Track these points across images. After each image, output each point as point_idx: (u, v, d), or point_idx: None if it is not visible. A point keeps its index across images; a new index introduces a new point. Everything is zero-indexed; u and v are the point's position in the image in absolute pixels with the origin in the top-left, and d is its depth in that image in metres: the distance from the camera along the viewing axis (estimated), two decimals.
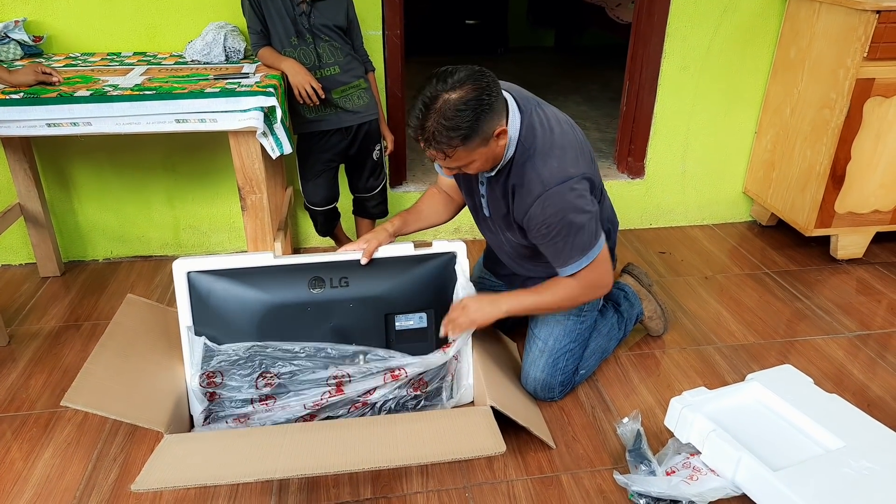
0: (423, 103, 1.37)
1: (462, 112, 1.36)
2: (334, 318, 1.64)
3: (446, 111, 1.35)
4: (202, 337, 1.62)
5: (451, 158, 1.43)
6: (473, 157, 1.45)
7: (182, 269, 1.62)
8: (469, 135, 1.38)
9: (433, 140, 1.39)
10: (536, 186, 1.50)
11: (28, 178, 2.27)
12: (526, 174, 1.51)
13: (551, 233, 1.53)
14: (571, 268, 1.59)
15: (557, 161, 1.51)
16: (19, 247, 2.51)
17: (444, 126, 1.36)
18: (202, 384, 1.62)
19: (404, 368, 1.65)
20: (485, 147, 1.44)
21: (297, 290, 1.62)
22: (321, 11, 2.03)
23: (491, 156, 1.49)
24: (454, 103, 1.35)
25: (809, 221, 2.51)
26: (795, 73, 2.53)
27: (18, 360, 1.99)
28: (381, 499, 1.53)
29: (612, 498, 1.54)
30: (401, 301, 1.67)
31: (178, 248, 2.62)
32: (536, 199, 1.50)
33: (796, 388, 1.67)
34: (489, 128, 1.41)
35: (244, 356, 1.61)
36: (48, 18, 2.20)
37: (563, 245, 1.55)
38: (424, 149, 1.44)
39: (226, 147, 2.41)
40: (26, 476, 1.58)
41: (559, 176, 1.50)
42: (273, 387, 1.64)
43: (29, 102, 1.70)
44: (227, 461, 1.44)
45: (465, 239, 2.81)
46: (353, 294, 1.64)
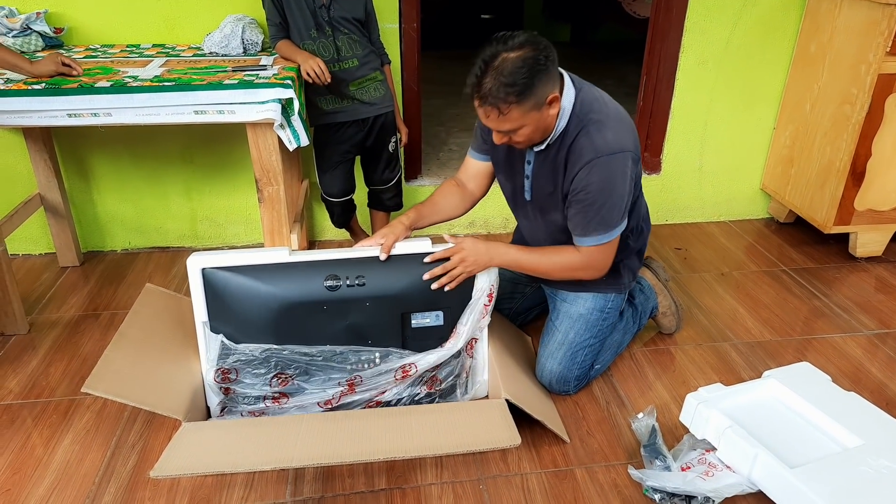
0: (483, 61, 1.42)
1: (519, 69, 1.39)
2: (350, 317, 1.63)
3: (504, 68, 1.40)
4: (219, 335, 1.61)
5: (504, 118, 1.44)
6: (525, 122, 1.47)
7: (197, 265, 1.59)
8: (524, 92, 1.41)
9: (490, 96, 1.41)
10: (589, 153, 1.52)
11: (48, 169, 2.30)
12: (579, 142, 1.53)
13: (588, 198, 1.54)
14: (590, 240, 1.60)
15: (613, 133, 1.53)
16: (39, 237, 2.54)
17: (501, 82, 1.40)
18: (217, 379, 1.62)
19: (415, 364, 1.65)
20: (537, 112, 1.46)
21: (313, 288, 1.60)
22: (341, 4, 2.04)
23: (542, 124, 1.50)
24: (512, 61, 1.40)
25: (828, 218, 2.49)
26: (816, 68, 2.50)
27: (38, 348, 2.02)
28: (395, 490, 1.54)
29: (626, 492, 1.54)
30: (417, 300, 1.64)
31: (194, 239, 2.64)
32: (586, 164, 1.52)
33: (814, 385, 1.65)
34: (543, 91, 1.44)
35: (260, 357, 1.61)
36: (69, 10, 2.22)
37: (593, 214, 1.56)
38: (479, 108, 1.46)
39: (242, 139, 2.43)
40: (47, 462, 1.60)
41: (614, 146, 1.52)
42: (287, 385, 1.64)
43: (50, 93, 1.72)
44: (244, 449, 1.45)
45: (479, 233, 2.81)
46: (369, 293, 1.62)
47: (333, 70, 2.08)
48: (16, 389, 1.84)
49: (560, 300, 1.83)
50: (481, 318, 1.69)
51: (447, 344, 1.68)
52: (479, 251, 1.62)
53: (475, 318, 1.67)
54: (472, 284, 1.67)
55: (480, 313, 1.68)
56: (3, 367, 1.93)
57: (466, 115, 3.73)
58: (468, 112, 3.79)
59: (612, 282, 1.79)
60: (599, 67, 4.90)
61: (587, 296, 1.79)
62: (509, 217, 2.79)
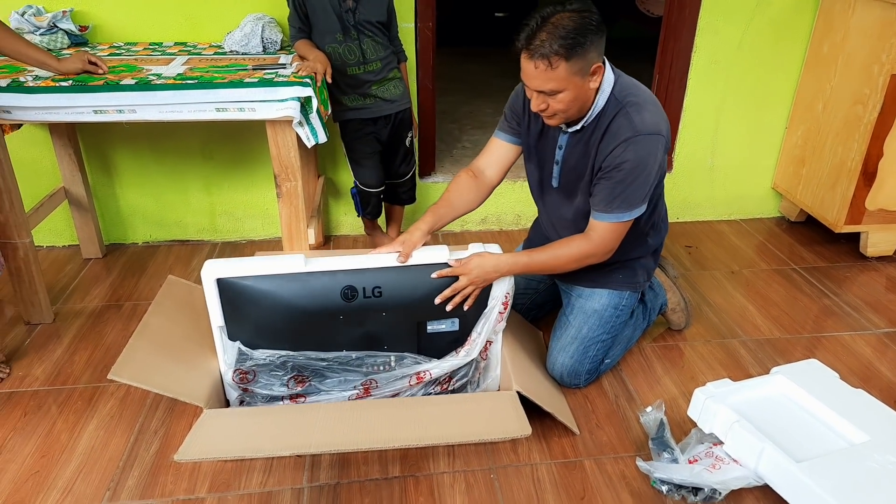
0: (541, 17, 1.47)
1: (575, 27, 1.44)
2: (367, 325, 1.63)
3: (560, 23, 1.45)
4: (236, 342, 1.61)
5: (552, 72, 1.46)
6: (568, 85, 1.49)
7: (211, 274, 1.55)
8: (574, 47, 1.44)
9: (541, 47, 1.44)
10: (627, 131, 1.55)
11: (73, 163, 2.36)
12: (617, 121, 1.57)
13: (619, 175, 1.57)
14: (610, 217, 1.61)
15: (650, 115, 1.57)
16: (63, 229, 2.60)
17: (554, 35, 1.44)
18: (235, 380, 1.65)
19: (429, 371, 1.68)
20: (580, 79, 1.50)
21: (329, 299, 1.58)
22: (365, 7, 2.10)
23: (582, 96, 1.53)
24: (569, 18, 1.46)
25: (839, 218, 2.50)
26: (828, 68, 2.51)
27: (63, 337, 2.08)
28: (408, 477, 1.58)
29: (634, 484, 1.57)
30: (433, 309, 1.63)
31: (213, 233, 2.70)
32: (623, 141, 1.55)
33: (822, 382, 1.68)
34: (591, 56, 1.48)
35: (277, 362, 1.63)
36: (93, 9, 2.28)
37: (620, 191, 1.58)
38: (528, 60, 1.48)
39: (261, 136, 2.48)
40: (73, 446, 1.66)
41: (651, 127, 1.56)
42: (304, 386, 1.67)
43: (77, 90, 1.77)
44: (263, 436, 1.50)
45: (491, 230, 2.85)
46: (386, 303, 1.60)
47: (357, 73, 2.15)
48: (42, 377, 1.90)
49: (575, 295, 1.86)
50: (496, 324, 1.69)
51: (462, 350, 1.69)
52: (485, 267, 1.60)
53: (490, 326, 1.68)
54: (487, 292, 1.66)
55: (495, 321, 1.68)
56: (29, 354, 2.00)
57: (480, 113, 3.76)
58: (481, 109, 3.82)
59: (627, 280, 1.82)
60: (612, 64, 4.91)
61: (603, 292, 1.82)
62: (521, 213, 2.82)
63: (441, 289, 1.61)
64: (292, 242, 2.07)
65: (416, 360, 1.68)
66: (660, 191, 1.77)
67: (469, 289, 1.61)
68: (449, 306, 1.62)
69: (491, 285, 1.65)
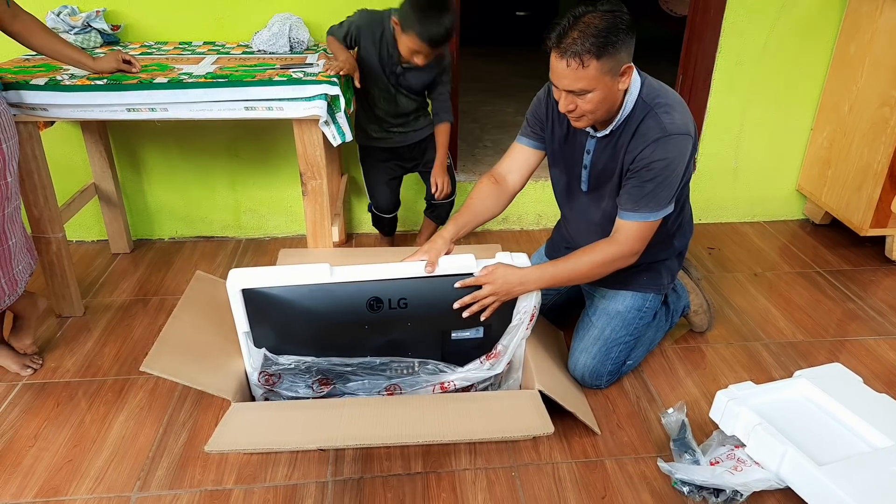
0: (572, 16, 1.47)
1: (607, 26, 1.44)
2: (392, 335, 1.64)
3: (592, 23, 1.45)
4: (262, 349, 1.62)
5: (583, 71, 1.46)
6: (598, 85, 1.49)
7: (236, 285, 1.55)
8: (606, 46, 1.44)
9: (573, 45, 1.44)
10: (656, 131, 1.55)
11: (103, 160, 2.41)
12: (647, 123, 1.57)
13: (649, 175, 1.57)
14: (637, 216, 1.60)
15: (679, 116, 1.58)
16: (92, 224, 2.66)
17: (586, 34, 1.44)
18: (260, 381, 1.68)
19: (453, 382, 1.69)
20: (610, 79, 1.49)
21: (355, 310, 1.58)
22: (413, 76, 2.14)
23: (611, 97, 1.53)
24: (601, 17, 1.46)
25: (864, 221, 2.48)
26: (855, 70, 2.49)
27: (93, 330, 2.13)
28: (430, 473, 1.60)
29: (655, 485, 1.58)
30: (459, 319, 1.62)
31: (238, 229, 2.74)
32: (654, 141, 1.55)
33: (845, 386, 1.67)
34: (621, 56, 1.48)
35: (302, 367, 1.64)
36: (125, 8, 2.33)
37: (648, 190, 1.58)
38: (559, 59, 1.47)
39: (286, 134, 2.52)
40: (104, 437, 1.71)
41: (681, 128, 1.56)
42: (329, 389, 1.69)
43: (111, 88, 1.81)
44: (289, 429, 1.53)
45: (512, 229, 2.86)
46: (411, 314, 1.60)
47: (386, 117, 2.22)
48: (73, 368, 1.95)
49: (599, 296, 1.87)
50: (523, 338, 1.69)
51: (487, 362, 1.69)
52: (510, 280, 1.58)
53: (517, 341, 1.68)
54: (512, 306, 1.65)
55: (523, 335, 1.68)
56: (60, 347, 2.05)
57: (500, 112, 3.77)
58: (502, 109, 3.82)
59: (652, 282, 1.83)
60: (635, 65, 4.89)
61: (627, 294, 1.83)
62: (542, 213, 2.83)
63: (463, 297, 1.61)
64: (316, 240, 2.10)
65: (439, 367, 1.69)
66: (686, 192, 1.78)
67: (489, 299, 1.59)
68: (466, 313, 1.60)
69: (515, 299, 1.64)
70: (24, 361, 1.92)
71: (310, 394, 1.69)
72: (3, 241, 1.72)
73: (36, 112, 1.84)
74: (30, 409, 1.79)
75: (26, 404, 1.80)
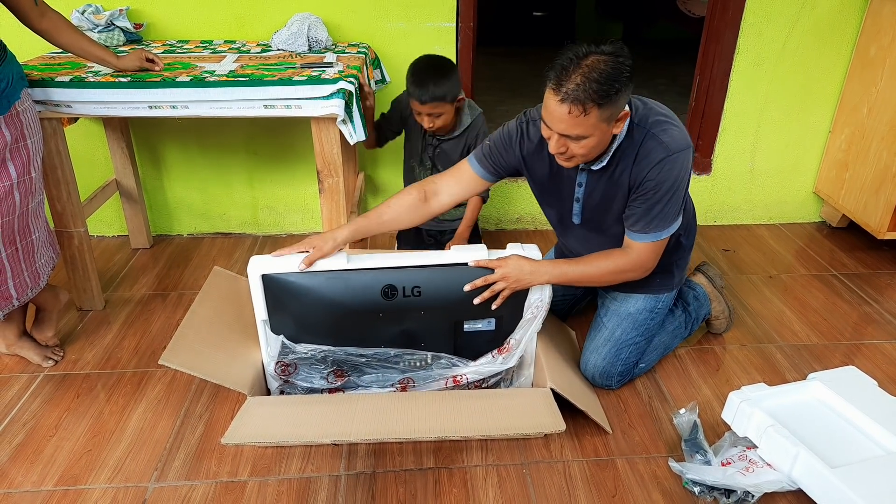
0: (575, 56, 1.40)
1: (611, 73, 1.39)
2: (405, 323, 1.66)
3: (596, 68, 1.38)
4: (280, 336, 1.65)
5: (583, 118, 1.41)
6: (595, 131, 1.45)
7: (257, 270, 1.60)
8: (608, 95, 1.39)
9: (576, 91, 1.38)
10: (660, 152, 1.53)
11: (125, 157, 2.45)
12: (646, 145, 1.54)
13: (656, 196, 1.55)
14: (648, 237, 1.60)
15: (677, 130, 1.56)
16: (112, 220, 2.71)
17: (589, 79, 1.38)
18: (276, 371, 1.71)
19: (465, 376, 1.71)
20: (606, 126, 1.46)
21: (370, 297, 1.61)
22: (444, 149, 2.21)
23: (604, 140, 1.51)
24: (605, 63, 1.39)
25: (882, 224, 2.46)
26: (875, 72, 2.47)
27: (113, 324, 2.17)
28: (442, 469, 1.62)
29: (666, 484, 1.58)
30: (471, 309, 1.65)
31: (255, 226, 2.77)
32: (659, 162, 1.53)
33: (859, 389, 1.66)
34: (620, 103, 1.44)
35: (318, 356, 1.67)
36: (148, 7, 2.37)
37: (658, 211, 1.57)
38: (559, 104, 1.41)
39: (304, 132, 2.55)
40: (122, 428, 1.74)
41: (682, 143, 1.55)
42: (343, 380, 1.72)
43: (134, 85, 1.85)
44: (304, 423, 1.56)
45: (526, 229, 2.87)
46: (425, 303, 1.63)
47: None
48: (93, 361, 1.99)
49: (610, 298, 1.87)
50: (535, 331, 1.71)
51: (499, 357, 1.71)
52: (522, 270, 1.60)
53: (528, 336, 1.69)
54: (523, 299, 1.67)
55: (535, 328, 1.69)
56: (81, 339, 2.09)
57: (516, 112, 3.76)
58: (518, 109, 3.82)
59: (664, 282, 1.83)
60: (652, 66, 4.88)
61: (638, 296, 1.83)
62: None
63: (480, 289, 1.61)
64: None
65: (451, 362, 1.71)
66: (687, 192, 1.74)
67: (500, 285, 1.60)
68: (477, 300, 1.61)
69: (527, 292, 1.66)
70: (46, 353, 1.96)
71: (324, 385, 1.72)
72: (27, 234, 1.76)
73: (60, 109, 1.88)
74: (51, 400, 1.83)
75: (47, 395, 1.84)
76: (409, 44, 2.43)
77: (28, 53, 2.13)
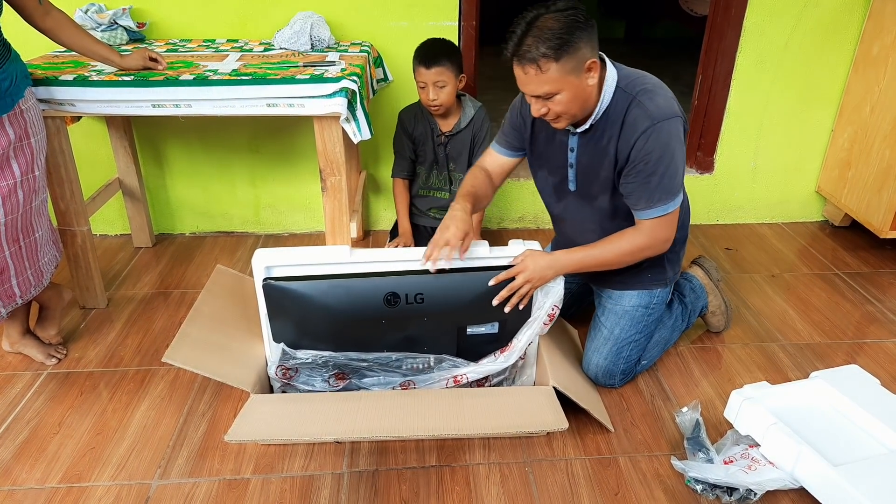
0: (525, 22, 1.45)
1: (560, 26, 1.42)
2: (408, 330, 1.66)
3: (545, 25, 1.43)
4: (280, 344, 1.65)
5: (543, 76, 1.45)
6: (563, 86, 1.47)
7: (261, 262, 1.59)
8: (563, 47, 1.42)
9: (528, 52, 1.43)
10: (644, 121, 1.53)
11: (127, 156, 2.46)
12: (632, 113, 1.54)
13: (648, 168, 1.54)
14: (655, 211, 1.59)
15: (663, 99, 1.55)
16: (115, 218, 2.71)
17: (540, 38, 1.42)
18: (278, 374, 1.71)
19: (466, 375, 1.70)
20: (576, 78, 1.47)
21: (373, 305, 1.61)
22: (454, 144, 2.28)
23: (581, 94, 1.51)
24: (554, 18, 1.43)
25: (885, 223, 2.46)
26: (878, 71, 2.47)
27: (115, 322, 2.18)
28: (445, 467, 1.62)
29: (668, 482, 1.58)
30: (475, 314, 1.65)
31: (257, 225, 2.78)
32: (643, 132, 1.53)
33: (862, 387, 1.66)
34: (583, 53, 1.46)
35: (319, 362, 1.67)
36: (151, 6, 2.37)
37: (656, 183, 1.56)
38: (518, 68, 1.47)
39: (306, 131, 2.55)
40: (125, 425, 1.74)
41: (667, 111, 1.54)
42: (344, 383, 1.72)
43: (137, 84, 1.85)
44: (307, 421, 1.56)
45: (528, 228, 2.87)
46: (427, 309, 1.62)
47: (446, 199, 2.37)
48: (96, 359, 2.00)
49: (606, 297, 1.87)
50: (538, 333, 1.71)
51: (501, 356, 1.71)
52: (540, 264, 1.61)
53: (532, 334, 1.69)
54: (531, 300, 1.67)
55: (538, 330, 1.69)
56: (84, 337, 2.09)
57: None
58: None
59: (657, 278, 1.82)
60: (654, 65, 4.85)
61: (632, 293, 1.83)
62: None
63: (483, 294, 1.61)
64: (335, 236, 2.13)
65: (454, 363, 1.71)
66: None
67: (525, 287, 1.61)
68: (507, 308, 1.63)
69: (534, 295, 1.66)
70: (49, 351, 1.97)
71: (326, 388, 1.72)
72: (30, 233, 1.77)
73: (64, 107, 1.89)
74: (54, 398, 1.83)
75: (51, 393, 1.85)
76: (411, 42, 2.42)
77: (32, 52, 2.13)
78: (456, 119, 2.29)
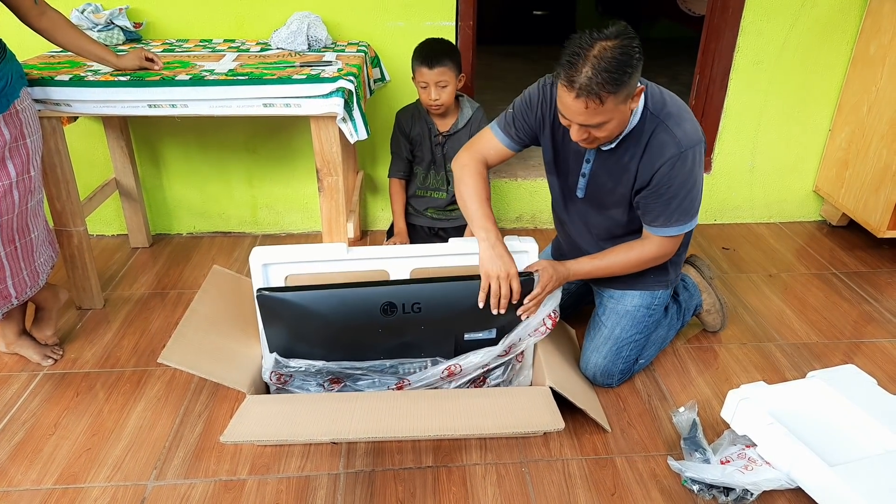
0: (581, 48, 1.38)
1: (620, 58, 1.37)
2: (405, 337, 1.66)
3: (604, 57, 1.36)
4: (273, 354, 1.65)
5: (601, 108, 1.41)
6: (614, 114, 1.44)
7: (259, 260, 1.61)
8: (622, 81, 1.38)
9: (588, 85, 1.37)
10: (671, 148, 1.53)
11: (124, 156, 2.45)
12: (658, 137, 1.54)
13: (671, 192, 1.56)
14: (672, 230, 1.62)
15: (690, 125, 1.56)
16: (112, 219, 2.71)
17: (599, 69, 1.36)
18: (272, 380, 1.70)
19: (459, 364, 1.70)
20: (624, 105, 1.45)
21: (369, 315, 1.60)
22: (452, 144, 2.27)
23: (624, 120, 1.50)
24: (611, 50, 1.37)
25: (882, 223, 2.46)
26: (875, 70, 2.47)
27: (112, 322, 2.17)
28: (441, 468, 1.62)
29: (665, 483, 1.58)
30: (472, 322, 1.65)
31: (254, 225, 2.78)
32: (669, 159, 1.53)
33: (859, 387, 1.66)
34: (633, 83, 1.43)
35: (312, 371, 1.67)
36: (147, 6, 2.37)
37: (676, 206, 1.59)
38: (574, 99, 1.40)
39: (302, 131, 2.55)
40: (121, 426, 1.74)
41: (694, 139, 1.55)
42: (339, 387, 1.71)
43: (134, 84, 1.85)
44: (303, 422, 1.56)
45: (525, 227, 2.87)
46: (424, 318, 1.62)
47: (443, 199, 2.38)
48: (92, 359, 1.99)
49: (607, 297, 1.87)
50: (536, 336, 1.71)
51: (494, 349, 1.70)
52: (560, 273, 1.65)
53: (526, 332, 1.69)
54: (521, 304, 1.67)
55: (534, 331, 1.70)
56: (80, 338, 2.09)
57: None
58: None
59: (659, 279, 1.83)
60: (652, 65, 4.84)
61: (634, 293, 1.83)
62: None
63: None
64: (332, 236, 2.12)
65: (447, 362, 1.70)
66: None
67: (550, 286, 1.65)
68: (525, 315, 1.66)
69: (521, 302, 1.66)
70: (45, 352, 1.96)
71: (321, 392, 1.72)
72: (26, 233, 1.77)
73: (60, 107, 1.88)
74: (50, 399, 1.83)
75: (47, 394, 1.85)
76: (408, 42, 2.42)
77: (28, 52, 2.13)
78: (454, 119, 2.29)
